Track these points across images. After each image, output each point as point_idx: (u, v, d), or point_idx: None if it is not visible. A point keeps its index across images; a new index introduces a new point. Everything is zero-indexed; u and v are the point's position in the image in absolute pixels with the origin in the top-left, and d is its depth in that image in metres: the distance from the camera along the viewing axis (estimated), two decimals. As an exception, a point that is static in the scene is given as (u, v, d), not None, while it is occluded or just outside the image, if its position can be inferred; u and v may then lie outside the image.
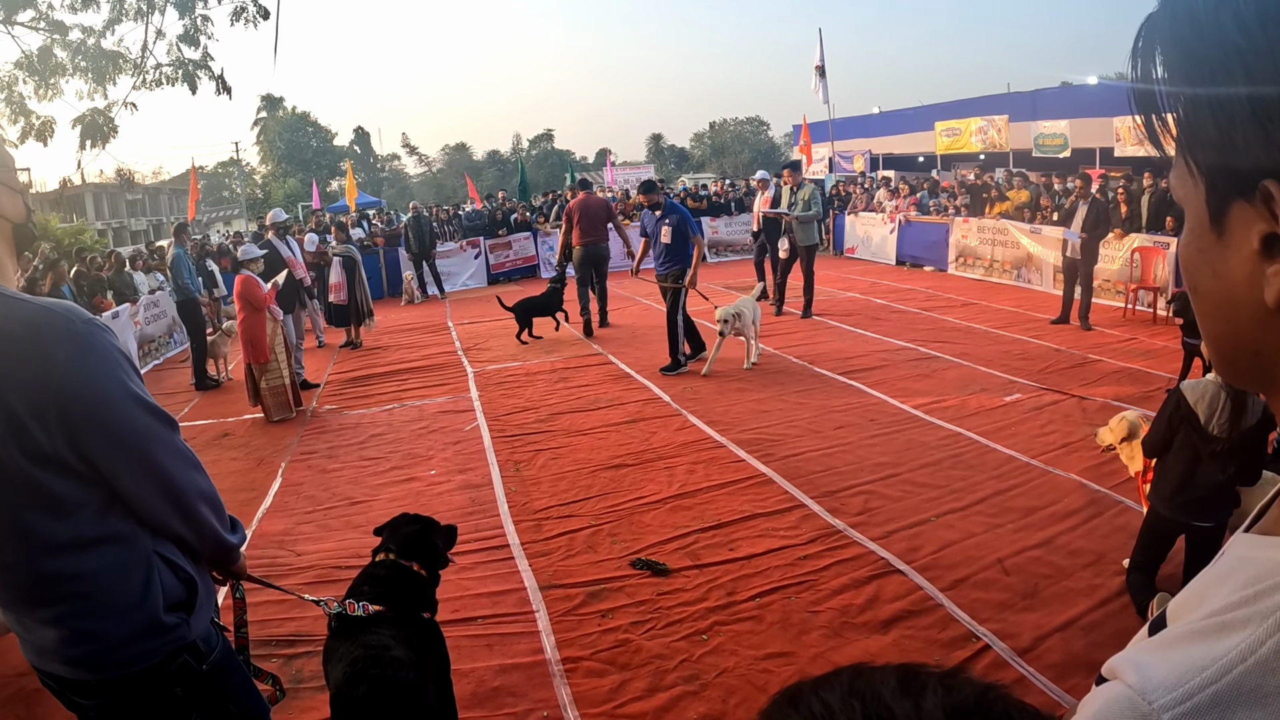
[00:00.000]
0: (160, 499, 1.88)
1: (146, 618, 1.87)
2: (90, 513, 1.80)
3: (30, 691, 4.37)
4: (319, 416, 9.25)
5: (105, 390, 1.76)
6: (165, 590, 1.90)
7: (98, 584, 1.82)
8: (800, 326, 12.06)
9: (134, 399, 1.81)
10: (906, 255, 18.05)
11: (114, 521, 1.84)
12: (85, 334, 1.74)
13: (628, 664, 4.12)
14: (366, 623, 2.79)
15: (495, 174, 68.48)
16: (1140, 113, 0.67)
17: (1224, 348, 0.67)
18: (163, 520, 1.91)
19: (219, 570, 2.20)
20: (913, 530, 5.30)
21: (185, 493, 1.92)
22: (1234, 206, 0.60)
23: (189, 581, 1.99)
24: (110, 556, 1.83)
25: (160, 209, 65.60)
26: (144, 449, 1.83)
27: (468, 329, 13.82)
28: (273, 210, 11.07)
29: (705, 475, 6.41)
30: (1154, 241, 11.95)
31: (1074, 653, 3.96)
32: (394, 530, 3.35)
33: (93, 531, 1.80)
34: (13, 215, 1.85)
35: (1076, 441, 6.62)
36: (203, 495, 1.97)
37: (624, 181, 36.55)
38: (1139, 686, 0.59)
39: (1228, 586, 0.63)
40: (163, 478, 1.87)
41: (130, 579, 1.86)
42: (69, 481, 1.76)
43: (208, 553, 2.06)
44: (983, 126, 22.85)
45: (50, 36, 8.65)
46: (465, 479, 6.78)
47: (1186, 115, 0.62)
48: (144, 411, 1.83)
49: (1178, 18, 0.62)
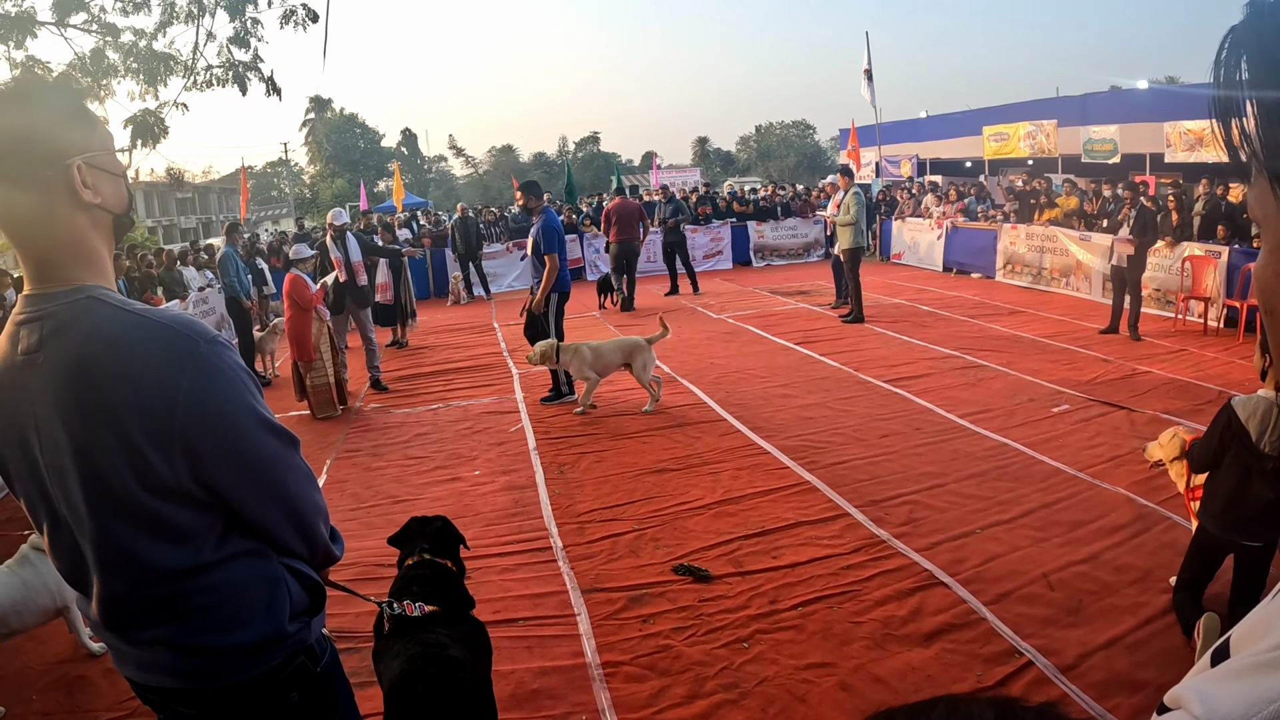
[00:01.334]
0: (286, 523, 1.82)
1: (273, 628, 1.80)
2: (213, 537, 1.73)
3: (72, 678, 4.48)
4: (364, 415, 9.35)
5: (233, 417, 1.68)
6: (293, 600, 1.85)
7: (222, 599, 1.74)
8: (846, 332, 12.00)
9: (261, 423, 1.73)
10: (953, 261, 17.90)
11: (236, 541, 1.77)
12: (210, 355, 1.64)
13: (668, 670, 4.12)
14: (421, 622, 2.81)
15: (541, 176, 68.54)
16: (1221, 123, 0.65)
17: None
18: (285, 542, 1.85)
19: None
20: (958, 542, 5.26)
21: (308, 514, 1.87)
22: None
23: (314, 588, 1.93)
24: (234, 573, 1.76)
25: (209, 207, 66.51)
26: (272, 474, 1.76)
27: (513, 330, 13.85)
28: (333, 210, 11.10)
29: (749, 481, 6.40)
30: (1206, 250, 11.69)
31: (1118, 671, 3.90)
32: (417, 533, 3.36)
33: (214, 555, 1.73)
34: (114, 205, 1.73)
35: (1125, 454, 6.53)
36: (320, 513, 1.92)
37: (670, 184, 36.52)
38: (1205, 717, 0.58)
39: None
40: (290, 502, 1.81)
41: (257, 593, 1.79)
42: (190, 511, 1.68)
43: (316, 565, 1.99)
44: (1031, 131, 22.57)
45: (102, 38, 8.79)
46: (509, 480, 6.82)
47: (1271, 133, 0.61)
48: (269, 434, 1.75)
49: (1264, 33, 0.60)
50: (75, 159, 1.63)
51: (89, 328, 1.60)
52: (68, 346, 1.59)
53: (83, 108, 1.73)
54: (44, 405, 1.62)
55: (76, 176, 1.63)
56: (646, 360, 8.54)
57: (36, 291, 1.66)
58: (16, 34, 7.84)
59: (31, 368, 1.62)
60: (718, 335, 12.34)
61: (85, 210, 1.66)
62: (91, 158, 1.66)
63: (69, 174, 1.62)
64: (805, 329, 12.38)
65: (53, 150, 1.61)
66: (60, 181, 1.62)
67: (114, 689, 4.30)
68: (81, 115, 1.70)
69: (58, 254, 1.65)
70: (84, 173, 1.64)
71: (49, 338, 1.61)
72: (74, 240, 1.66)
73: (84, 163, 1.64)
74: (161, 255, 15.09)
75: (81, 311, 1.62)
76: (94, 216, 1.69)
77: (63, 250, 1.65)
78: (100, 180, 1.68)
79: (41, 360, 1.61)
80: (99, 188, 1.67)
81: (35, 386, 1.62)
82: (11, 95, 1.69)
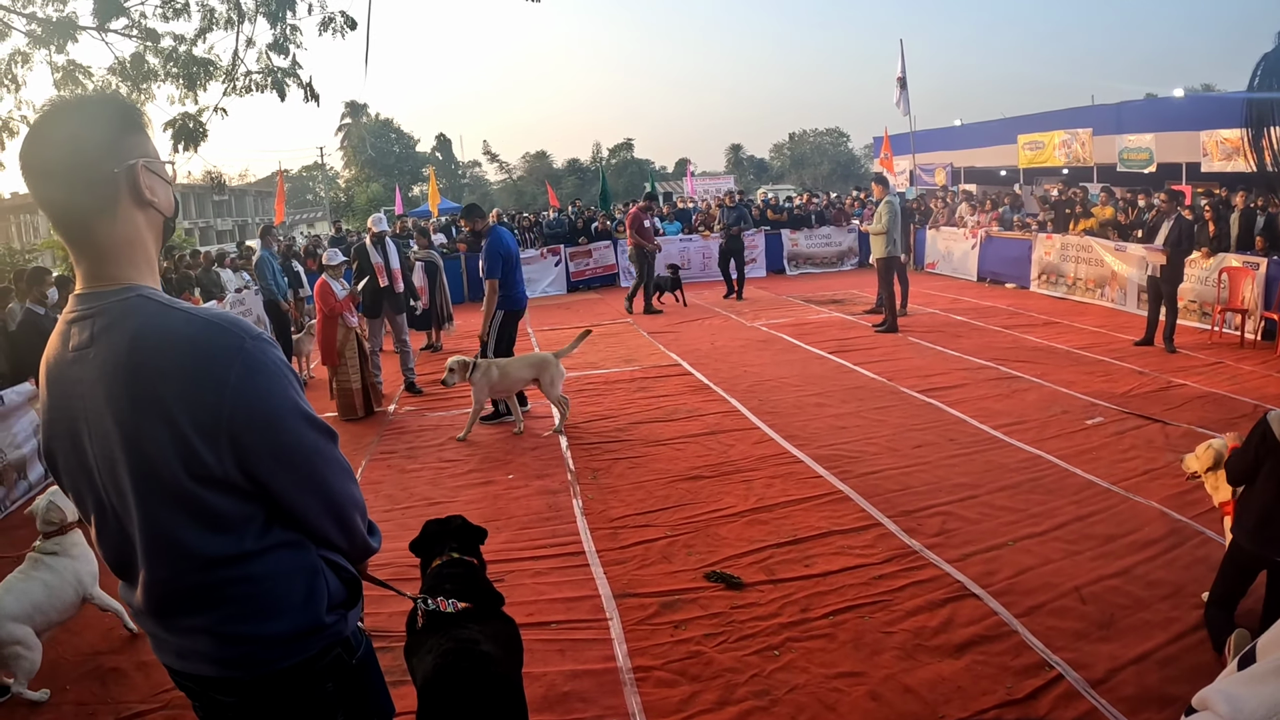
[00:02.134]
0: (324, 514, 1.89)
1: (310, 619, 1.86)
2: (255, 527, 1.79)
3: (106, 670, 4.57)
4: (399, 417, 9.45)
5: (278, 410, 1.75)
6: (331, 593, 1.92)
7: (262, 589, 1.80)
8: (881, 342, 11.98)
9: (304, 417, 1.80)
10: (988, 271, 17.79)
11: (277, 532, 1.83)
12: (256, 351, 1.72)
13: (699, 676, 4.15)
14: (455, 618, 2.85)
15: (575, 182, 68.83)
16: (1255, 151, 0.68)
17: None
18: (324, 533, 1.92)
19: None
20: (990, 554, 5.25)
21: (345, 506, 1.93)
22: None
23: (351, 582, 2.02)
24: (274, 563, 1.82)
25: (245, 210, 67.28)
26: (312, 466, 1.83)
27: (547, 335, 13.97)
28: (373, 215, 11.21)
29: (782, 490, 6.42)
30: (1243, 261, 11.55)
31: (1148, 686, 3.88)
32: (439, 534, 3.40)
33: (256, 544, 1.79)
34: (166, 208, 1.83)
35: (1159, 468, 6.50)
36: (358, 506, 1.98)
37: (704, 192, 36.55)
38: (1231, 717, 0.62)
39: None
40: (328, 494, 1.87)
41: (296, 583, 1.85)
42: (233, 500, 1.75)
43: (354, 558, 2.08)
44: (1066, 140, 22.45)
45: (142, 43, 8.91)
46: (543, 485, 6.88)
47: None
48: (311, 428, 1.82)
49: None
50: (139, 160, 1.75)
51: (139, 324, 1.68)
52: (118, 342, 1.67)
53: (141, 118, 1.83)
54: (95, 399, 1.69)
55: (140, 175, 1.74)
56: (554, 376, 8.32)
57: (88, 290, 1.74)
58: (58, 39, 7.98)
59: (83, 363, 1.70)
60: (751, 343, 12.36)
61: (143, 209, 1.78)
62: (150, 162, 1.78)
63: (133, 172, 1.74)
64: (839, 338, 12.37)
65: (120, 150, 1.73)
66: (125, 179, 1.73)
67: (148, 681, 4.40)
68: (140, 124, 1.81)
69: (114, 251, 1.73)
70: (144, 174, 1.75)
71: (100, 334, 1.69)
72: (130, 238, 1.75)
73: (145, 165, 1.76)
74: (199, 256, 15.29)
75: (131, 309, 1.70)
76: (149, 216, 1.80)
77: (119, 247, 1.74)
78: (155, 183, 1.79)
79: (92, 356, 1.69)
80: (155, 189, 1.79)
81: (86, 380, 1.70)
82: (81, 102, 1.81)
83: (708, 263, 19.98)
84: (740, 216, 17.40)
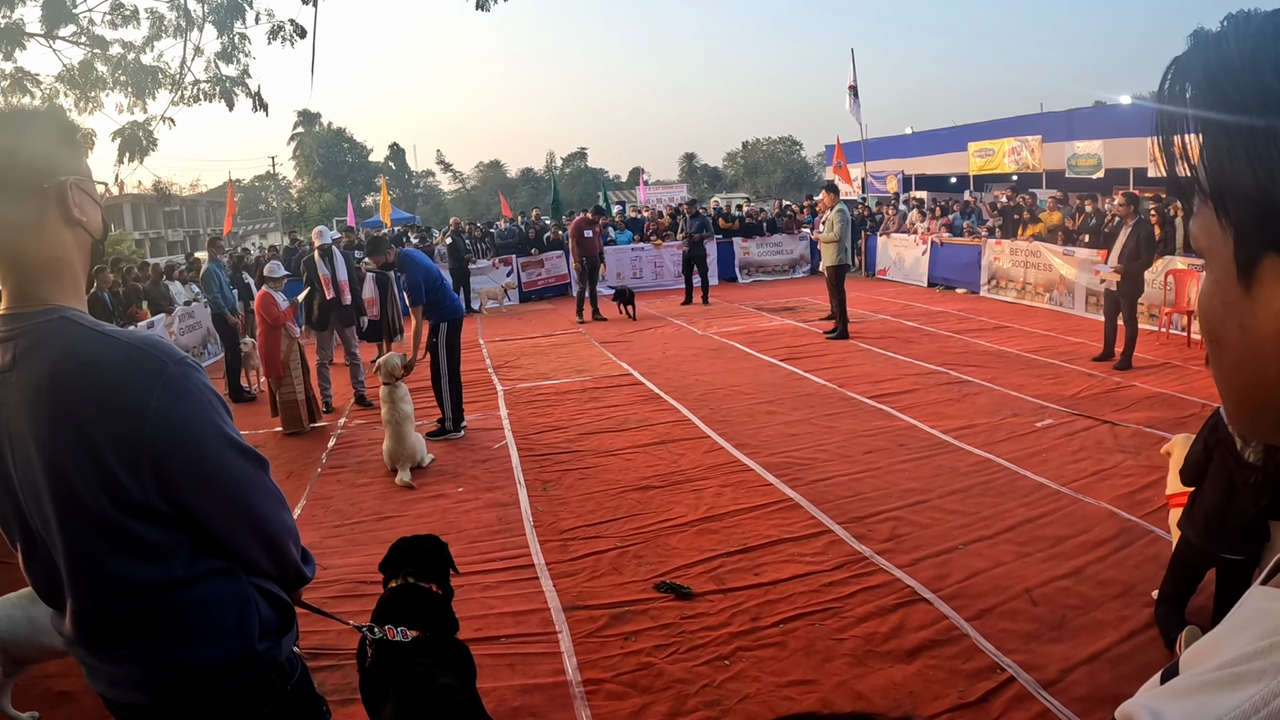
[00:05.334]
0: (254, 542, 1.84)
1: (242, 647, 1.83)
2: (184, 555, 1.76)
3: (55, 694, 4.43)
4: (349, 431, 9.32)
5: (201, 437, 1.71)
6: (262, 620, 1.87)
7: (192, 617, 1.77)
8: (832, 349, 12.02)
9: (229, 443, 1.76)
10: (938, 277, 17.99)
11: (206, 560, 1.79)
12: (178, 376, 1.68)
13: (649, 687, 4.10)
14: (407, 653, 2.78)
15: (529, 191, 68.86)
16: (1166, 158, 0.65)
17: (1249, 403, 0.65)
18: (254, 561, 1.87)
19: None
20: (941, 558, 5.26)
21: (276, 534, 1.89)
22: (1265, 260, 0.59)
23: (283, 607, 1.96)
24: (204, 591, 1.78)
25: (197, 220, 66.52)
26: (240, 494, 1.79)
27: (498, 346, 13.89)
28: (318, 228, 11.07)
29: (733, 498, 6.39)
30: (1188, 264, 11.79)
31: (1100, 686, 3.90)
32: (406, 554, 3.33)
33: (185, 572, 1.75)
34: (95, 229, 1.78)
35: (1108, 469, 6.56)
36: (290, 533, 1.94)
37: (655, 201, 36.65)
38: None
39: (1244, 638, 0.62)
40: (257, 521, 1.83)
41: (227, 611, 1.82)
42: (160, 528, 1.71)
43: (286, 586, 2.01)
44: (1016, 147, 22.74)
45: (91, 51, 8.78)
46: (493, 497, 6.80)
47: (1218, 164, 0.61)
48: (238, 455, 1.78)
49: (1210, 64, 0.61)
50: (69, 177, 1.70)
51: (61, 347, 1.63)
52: (41, 366, 1.62)
53: (75, 134, 1.79)
54: (17, 423, 1.64)
55: (70, 193, 1.69)
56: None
57: (11, 311, 1.69)
58: (5, 45, 7.82)
59: (5, 386, 1.65)
60: (703, 352, 12.35)
61: (72, 228, 1.72)
62: (80, 181, 1.73)
63: (63, 190, 1.69)
64: (790, 345, 12.40)
65: (50, 166, 1.68)
66: (54, 196, 1.68)
67: (96, 704, 4.25)
68: (74, 140, 1.77)
69: (39, 271, 1.69)
70: (74, 192, 1.70)
71: (22, 357, 1.64)
72: (57, 256, 1.71)
73: (75, 183, 1.71)
74: (148, 269, 15.07)
75: (54, 332, 1.65)
76: (77, 236, 1.75)
77: (45, 266, 1.69)
78: (85, 203, 1.74)
79: (15, 379, 1.64)
80: (84, 208, 1.73)
81: (9, 404, 1.65)
82: (11, 115, 1.78)
83: (660, 272, 20.11)
84: (703, 224, 17.57)
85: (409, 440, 7.53)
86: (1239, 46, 0.59)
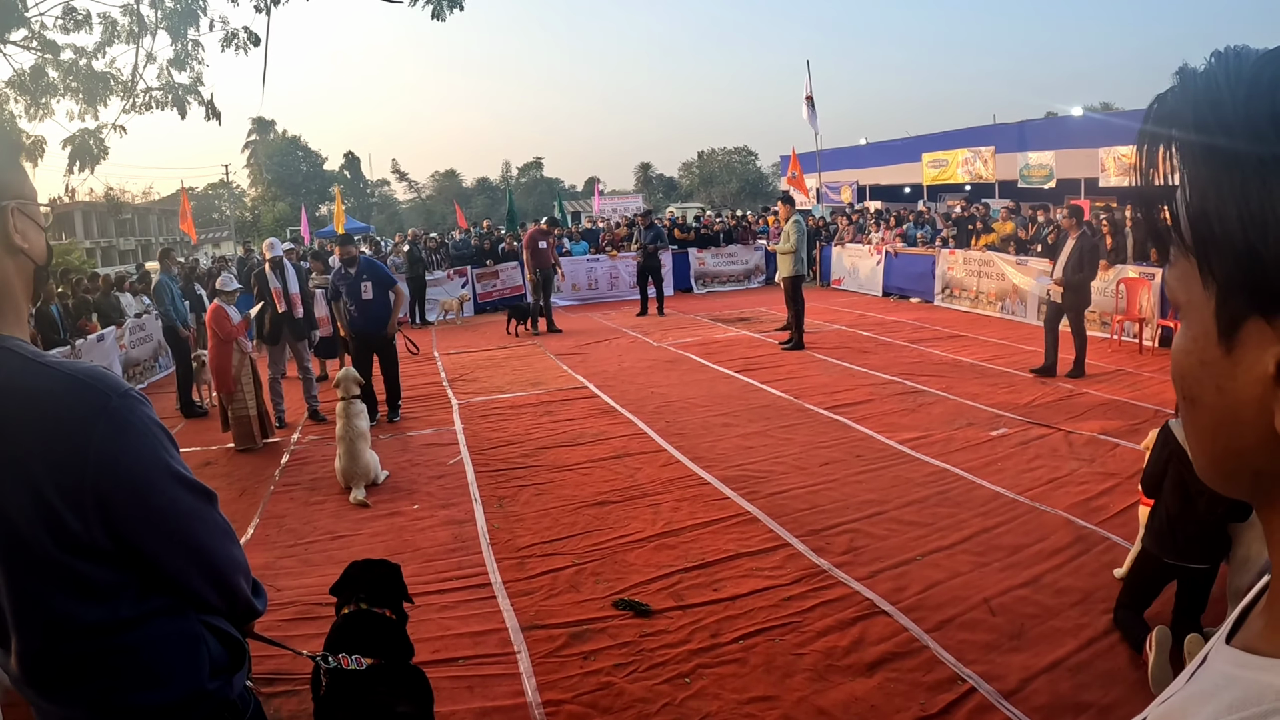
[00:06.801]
0: (202, 579, 1.79)
1: (192, 687, 1.77)
2: (131, 594, 1.69)
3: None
4: (303, 447, 9.18)
5: (146, 472, 1.65)
6: (212, 658, 1.81)
7: (141, 658, 1.71)
8: (787, 360, 12.04)
9: (175, 479, 1.70)
10: (893, 287, 18.12)
11: (154, 599, 1.73)
12: (122, 410, 1.61)
13: (610, 707, 4.05)
14: (362, 682, 2.72)
15: (485, 201, 68.69)
16: (1143, 206, 0.62)
17: (1222, 465, 0.62)
18: (203, 598, 1.81)
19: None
20: (899, 570, 5.26)
21: (225, 570, 1.83)
22: (1249, 323, 0.55)
23: (233, 645, 1.91)
24: (153, 631, 1.73)
25: (150, 229, 65.66)
26: (187, 530, 1.73)
27: (453, 359, 13.78)
28: (268, 240, 10.91)
29: (690, 513, 6.36)
30: (1139, 273, 11.99)
31: (1061, 694, 3.92)
32: (358, 580, 3.27)
33: (132, 612, 1.69)
34: (38, 255, 1.70)
35: (1063, 476, 6.62)
36: (240, 568, 1.87)
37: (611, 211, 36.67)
38: None
39: (1211, 707, 0.60)
40: (205, 557, 1.78)
41: (176, 651, 1.76)
42: (106, 567, 1.65)
43: (237, 622, 1.96)
44: (969, 158, 23.04)
45: (42, 56, 8.64)
46: (449, 514, 6.71)
47: (1205, 220, 0.57)
48: (185, 491, 1.72)
49: (1200, 108, 0.57)
50: (10, 202, 1.63)
51: (2, 380, 1.57)
52: None
53: (18, 157, 1.74)
54: None
55: (10, 219, 1.62)
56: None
57: None
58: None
59: None
60: (659, 363, 12.33)
61: (13, 255, 1.65)
62: (24, 205, 1.66)
63: (3, 215, 1.61)
64: (746, 356, 12.42)
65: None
66: None
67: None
68: (17, 163, 1.70)
69: None
70: (16, 217, 1.63)
71: None
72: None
73: (17, 208, 1.64)
74: (98, 280, 14.81)
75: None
76: (19, 263, 1.67)
77: None
78: (28, 228, 1.67)
79: None
80: (27, 234, 1.66)
81: None
82: None
83: (615, 283, 20.12)
84: (657, 235, 17.69)
85: (363, 458, 7.43)
86: (1232, 94, 0.55)
